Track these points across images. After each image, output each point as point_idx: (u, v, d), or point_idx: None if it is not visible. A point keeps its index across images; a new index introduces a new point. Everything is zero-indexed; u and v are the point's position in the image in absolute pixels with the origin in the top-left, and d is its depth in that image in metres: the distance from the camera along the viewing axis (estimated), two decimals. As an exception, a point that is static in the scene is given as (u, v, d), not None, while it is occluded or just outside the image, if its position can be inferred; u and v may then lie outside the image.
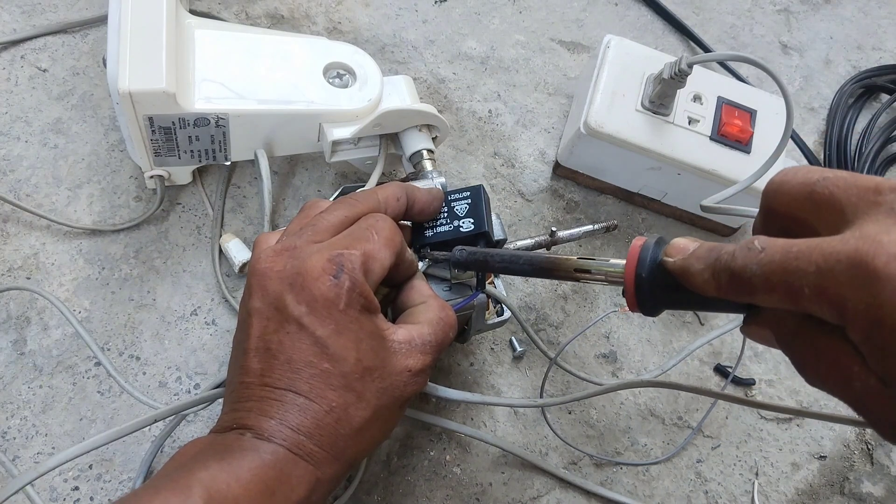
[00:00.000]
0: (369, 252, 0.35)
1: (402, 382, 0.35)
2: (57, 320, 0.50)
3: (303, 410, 0.33)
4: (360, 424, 0.34)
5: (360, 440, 0.34)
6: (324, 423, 0.33)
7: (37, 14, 0.60)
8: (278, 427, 0.32)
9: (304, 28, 0.63)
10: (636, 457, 0.51)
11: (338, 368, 0.33)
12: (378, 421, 0.34)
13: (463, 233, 0.42)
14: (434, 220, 0.42)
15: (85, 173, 0.54)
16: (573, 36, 0.67)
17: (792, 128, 0.48)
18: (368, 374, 0.34)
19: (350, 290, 0.33)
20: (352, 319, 0.34)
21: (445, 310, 0.38)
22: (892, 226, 0.21)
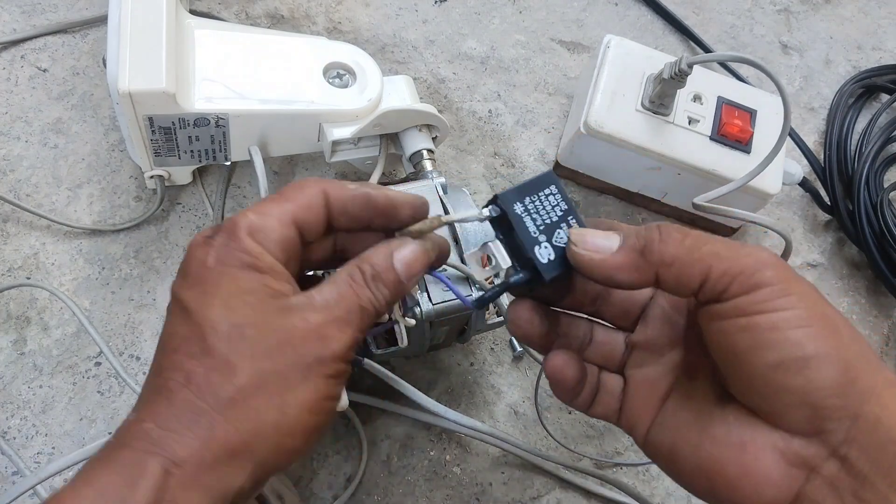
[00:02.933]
0: (262, 209, 0.30)
1: (296, 339, 0.28)
2: (57, 320, 0.50)
3: (156, 391, 0.28)
4: (231, 394, 0.27)
5: (235, 413, 0.27)
6: (178, 400, 0.27)
7: (37, 14, 0.60)
8: (123, 427, 0.28)
9: (304, 28, 0.63)
10: (636, 457, 0.51)
11: (198, 331, 0.28)
12: (263, 389, 0.27)
13: (532, 260, 0.31)
14: (538, 202, 0.31)
15: (85, 173, 0.54)
16: (573, 36, 0.67)
17: (789, 128, 0.48)
18: (240, 333, 0.28)
19: (222, 245, 0.29)
20: (222, 275, 0.28)
21: (356, 266, 0.31)
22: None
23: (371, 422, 0.50)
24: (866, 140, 0.63)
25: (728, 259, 0.27)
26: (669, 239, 0.28)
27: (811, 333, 0.25)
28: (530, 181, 0.31)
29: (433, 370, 0.52)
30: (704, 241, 0.27)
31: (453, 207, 0.44)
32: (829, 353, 0.25)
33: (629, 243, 0.29)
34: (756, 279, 0.26)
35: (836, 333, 0.26)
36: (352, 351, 0.29)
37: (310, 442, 0.28)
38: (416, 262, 0.31)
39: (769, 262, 0.26)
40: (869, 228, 0.58)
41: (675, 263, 0.28)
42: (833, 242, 0.63)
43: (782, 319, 0.26)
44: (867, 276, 0.61)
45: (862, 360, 0.26)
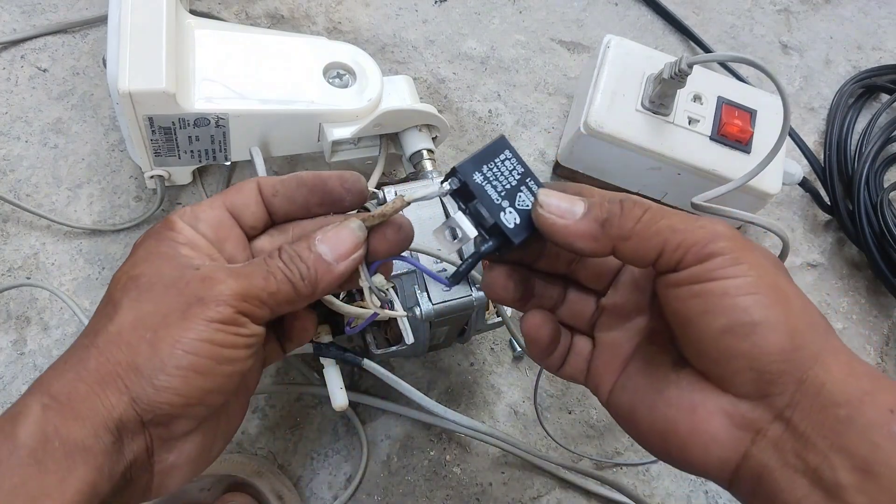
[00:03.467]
0: (197, 202, 0.33)
1: (182, 281, 0.29)
2: (57, 320, 0.50)
3: (65, 352, 0.29)
4: (108, 328, 0.28)
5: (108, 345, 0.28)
6: (71, 347, 0.29)
7: (37, 14, 0.60)
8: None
9: (304, 28, 0.63)
10: (636, 457, 0.51)
11: (107, 292, 0.30)
12: (140, 324, 0.28)
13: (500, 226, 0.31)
14: (496, 169, 0.32)
15: (85, 173, 0.54)
16: (573, 36, 0.67)
17: (789, 128, 0.48)
18: (135, 283, 0.29)
19: (152, 228, 0.32)
20: (140, 246, 0.31)
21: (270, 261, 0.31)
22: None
23: (371, 422, 0.50)
24: (866, 140, 0.63)
25: (683, 231, 0.28)
26: (629, 214, 0.29)
27: (760, 300, 0.27)
28: (484, 149, 0.32)
29: (433, 370, 0.52)
30: (661, 216, 0.29)
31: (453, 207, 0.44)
32: (777, 320, 0.26)
33: (592, 213, 0.30)
34: (709, 249, 0.27)
35: (786, 302, 0.27)
36: (247, 304, 0.29)
37: (194, 387, 0.28)
38: (343, 242, 0.31)
39: (723, 233, 0.28)
40: (869, 228, 0.58)
41: (633, 238, 0.29)
42: (833, 242, 0.63)
43: (732, 286, 0.27)
44: (867, 276, 0.61)
45: (810, 328, 0.27)
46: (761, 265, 0.27)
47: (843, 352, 0.27)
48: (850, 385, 0.25)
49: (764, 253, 0.29)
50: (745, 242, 0.28)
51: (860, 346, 0.58)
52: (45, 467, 0.26)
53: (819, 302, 0.60)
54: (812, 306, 0.28)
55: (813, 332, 0.27)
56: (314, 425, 0.49)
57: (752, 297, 0.27)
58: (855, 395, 0.25)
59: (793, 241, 0.62)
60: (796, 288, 0.28)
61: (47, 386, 0.28)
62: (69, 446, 0.26)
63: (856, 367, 0.26)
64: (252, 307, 0.30)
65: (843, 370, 0.26)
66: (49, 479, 0.26)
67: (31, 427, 0.26)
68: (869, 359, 0.58)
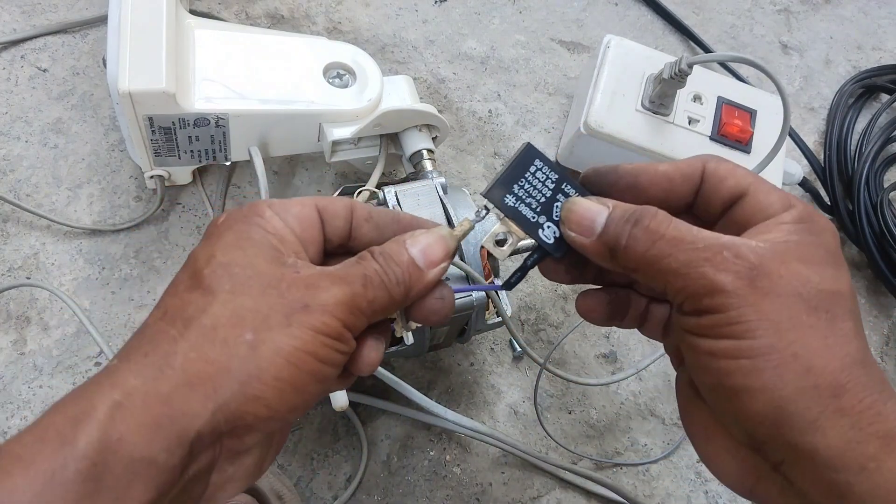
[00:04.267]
0: (285, 199, 0.30)
1: (283, 284, 0.26)
2: (57, 320, 0.50)
3: (134, 334, 0.26)
4: (202, 320, 0.25)
5: (201, 340, 0.25)
6: (149, 332, 0.26)
7: (37, 14, 0.60)
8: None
9: (304, 28, 0.63)
10: (636, 457, 0.51)
11: (189, 270, 0.27)
12: (238, 322, 0.25)
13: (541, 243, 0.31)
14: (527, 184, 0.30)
15: (85, 173, 0.54)
16: (573, 36, 0.67)
17: (789, 128, 0.48)
18: (227, 270, 0.26)
19: (237, 209, 0.29)
20: (229, 228, 0.28)
21: (368, 251, 0.30)
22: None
23: (371, 422, 0.50)
24: (866, 140, 0.63)
25: (684, 277, 0.26)
26: (635, 245, 0.27)
27: (744, 366, 0.25)
28: (511, 164, 0.30)
29: (433, 370, 0.52)
30: (669, 251, 0.27)
31: (453, 207, 0.43)
32: (761, 387, 0.25)
33: (607, 237, 0.28)
34: (704, 304, 0.26)
35: (782, 366, 0.25)
36: (351, 315, 0.27)
37: (285, 401, 0.25)
38: (433, 249, 0.30)
39: (722, 287, 0.26)
40: (869, 228, 0.58)
41: (639, 271, 0.28)
42: (833, 242, 0.62)
43: (721, 349, 0.26)
44: (867, 276, 0.61)
45: (806, 393, 0.25)
46: (769, 318, 0.25)
47: (853, 412, 0.25)
48: (852, 452, 0.24)
49: (790, 290, 0.26)
50: (754, 293, 0.26)
51: (860, 346, 0.58)
52: (101, 485, 0.22)
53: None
54: (823, 364, 0.25)
55: (812, 396, 0.25)
56: (314, 425, 0.49)
57: (736, 363, 0.26)
58: (857, 462, 0.24)
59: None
60: (809, 345, 0.25)
61: (121, 379, 0.24)
62: (134, 460, 0.23)
63: (865, 429, 0.24)
64: (355, 319, 0.27)
65: (844, 437, 0.24)
66: (103, 499, 0.22)
67: (93, 434, 0.22)
68: (869, 359, 0.58)
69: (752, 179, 0.29)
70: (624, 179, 0.30)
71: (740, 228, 0.28)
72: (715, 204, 0.30)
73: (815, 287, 0.26)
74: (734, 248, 0.26)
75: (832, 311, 0.26)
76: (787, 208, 0.28)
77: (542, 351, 0.53)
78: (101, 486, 0.22)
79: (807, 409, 0.25)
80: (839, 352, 0.26)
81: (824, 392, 0.25)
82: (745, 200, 0.29)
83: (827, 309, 0.26)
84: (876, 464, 0.24)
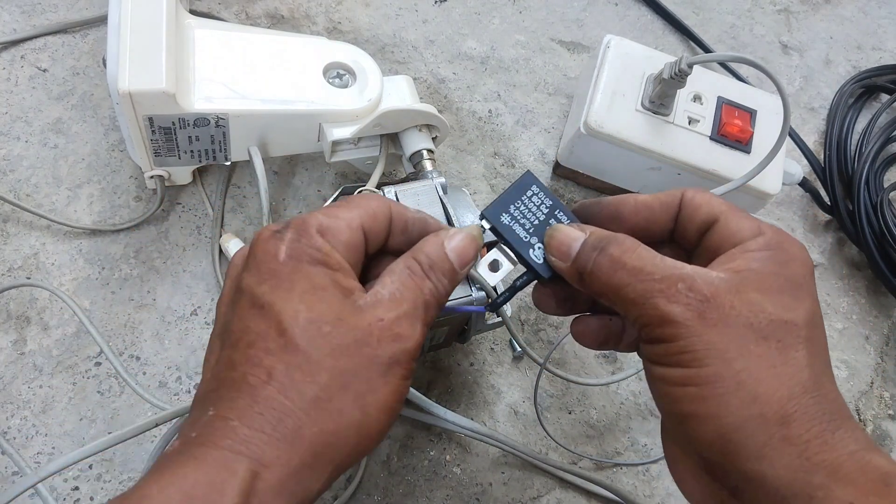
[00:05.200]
0: (330, 212, 0.30)
1: (373, 338, 0.28)
2: (57, 320, 0.50)
3: (235, 388, 0.27)
4: (316, 393, 0.26)
5: (320, 413, 0.26)
6: (262, 398, 0.26)
7: (37, 14, 0.60)
8: (203, 422, 0.26)
9: (304, 28, 0.63)
10: (636, 457, 0.51)
11: (276, 326, 0.27)
12: (346, 388, 0.27)
13: (530, 263, 0.33)
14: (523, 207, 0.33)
15: (85, 173, 0.54)
16: (573, 36, 0.67)
17: (789, 128, 0.48)
18: (318, 330, 0.27)
19: (293, 241, 0.28)
20: (295, 270, 0.28)
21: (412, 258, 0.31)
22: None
23: (371, 422, 0.50)
24: (866, 140, 0.63)
25: (640, 307, 0.28)
26: (599, 272, 0.29)
27: (691, 394, 0.26)
28: (511, 188, 0.33)
29: (433, 370, 0.52)
30: (628, 280, 0.28)
31: (453, 207, 0.44)
32: (711, 415, 0.26)
33: (577, 262, 0.30)
34: (657, 333, 0.27)
35: (727, 394, 0.26)
36: (419, 349, 0.29)
37: (378, 443, 0.28)
38: (467, 250, 0.31)
39: (672, 318, 0.27)
40: (869, 228, 0.58)
41: (604, 296, 0.29)
42: (833, 242, 0.63)
43: (671, 376, 0.27)
44: (867, 276, 0.61)
45: (756, 419, 0.25)
46: (716, 347, 0.26)
47: (800, 441, 0.25)
48: (799, 481, 0.24)
49: (741, 320, 0.26)
50: (711, 312, 0.26)
51: (860, 346, 0.58)
52: None
53: (819, 302, 0.60)
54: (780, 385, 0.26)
55: (758, 425, 0.25)
56: (314, 425, 0.49)
57: (683, 390, 0.26)
58: (804, 491, 0.24)
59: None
60: (759, 375, 0.26)
61: (259, 451, 0.25)
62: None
63: (812, 458, 0.25)
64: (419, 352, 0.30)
65: (791, 465, 0.25)
66: None
67: (235, 500, 0.24)
68: (869, 359, 0.58)
69: (724, 208, 0.30)
70: (606, 209, 0.32)
71: (712, 256, 0.29)
72: (691, 231, 0.31)
73: (767, 317, 0.27)
74: (689, 281, 0.27)
75: (784, 340, 0.26)
76: (755, 235, 0.29)
77: (542, 351, 0.53)
78: None
79: (752, 438, 0.25)
80: (787, 381, 0.26)
81: (770, 420, 0.25)
82: (716, 228, 0.30)
83: (779, 338, 0.26)
84: (823, 492, 0.24)
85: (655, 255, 0.28)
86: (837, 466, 0.24)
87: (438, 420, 0.47)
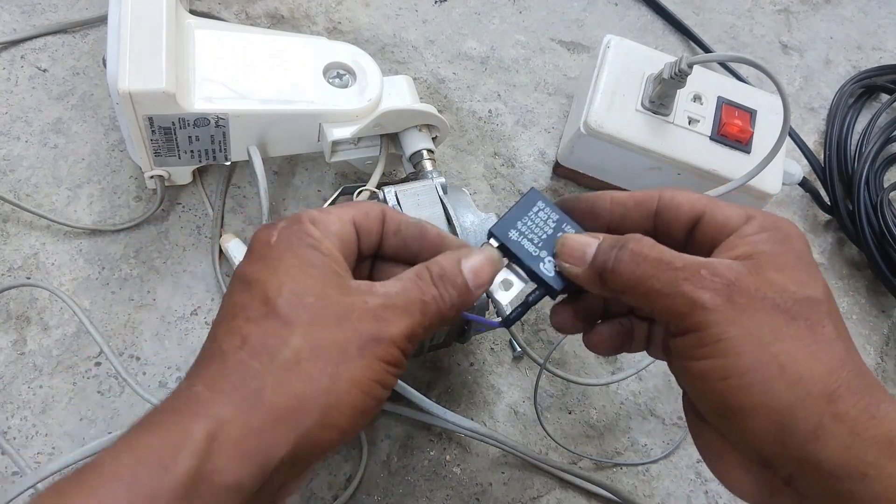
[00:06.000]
0: (323, 209, 0.31)
1: (355, 314, 0.28)
2: (57, 320, 0.50)
3: (210, 356, 0.27)
4: (286, 356, 0.26)
5: (287, 375, 0.26)
6: (232, 362, 0.26)
7: (37, 14, 0.60)
8: (177, 389, 0.27)
9: (304, 28, 0.63)
10: (636, 457, 0.51)
11: (259, 296, 0.27)
12: (318, 354, 0.27)
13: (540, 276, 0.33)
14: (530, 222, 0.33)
15: (85, 173, 0.54)
16: (573, 36, 0.67)
17: (789, 128, 0.48)
18: (300, 299, 0.27)
19: (285, 228, 0.29)
20: (285, 250, 0.29)
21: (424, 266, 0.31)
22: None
23: (371, 422, 0.50)
24: (866, 140, 0.63)
25: (666, 297, 0.27)
26: (620, 269, 0.29)
27: (739, 385, 0.26)
28: (517, 205, 0.33)
29: (433, 370, 0.52)
30: (651, 272, 0.28)
31: (453, 207, 0.44)
32: (760, 404, 0.25)
33: (595, 263, 0.30)
34: (687, 323, 0.27)
35: (772, 380, 0.25)
36: (409, 343, 0.29)
37: (355, 425, 0.27)
38: (484, 270, 0.31)
39: (702, 303, 0.26)
40: (869, 228, 0.58)
41: (626, 294, 0.29)
42: (833, 242, 0.63)
43: (709, 370, 0.26)
44: (867, 276, 0.61)
45: (804, 402, 0.25)
46: (746, 336, 0.26)
47: (849, 417, 0.25)
48: (853, 459, 0.24)
49: (762, 307, 0.26)
50: (733, 308, 0.26)
51: (860, 346, 0.58)
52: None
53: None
54: (813, 370, 0.25)
55: (808, 405, 0.25)
56: (314, 425, 0.49)
57: (728, 383, 0.26)
58: (858, 469, 0.24)
59: (793, 241, 0.61)
60: (793, 354, 0.26)
61: (215, 411, 0.25)
62: (223, 489, 0.24)
63: (864, 434, 0.24)
64: (412, 345, 0.29)
65: (843, 443, 0.24)
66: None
67: (190, 463, 0.24)
68: (869, 359, 0.58)
69: (706, 202, 0.30)
70: (583, 206, 0.33)
71: (707, 249, 0.29)
72: (677, 230, 0.31)
73: (791, 296, 0.26)
74: (711, 267, 0.27)
75: (811, 318, 0.26)
76: (746, 220, 0.29)
77: (542, 351, 0.53)
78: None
79: (804, 420, 0.25)
80: (825, 357, 0.26)
81: (819, 400, 0.25)
82: (704, 221, 0.30)
83: (806, 316, 0.26)
84: (876, 471, 0.24)
85: (672, 250, 0.28)
86: (889, 442, 0.24)
87: (438, 420, 0.47)
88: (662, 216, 0.31)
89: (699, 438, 0.30)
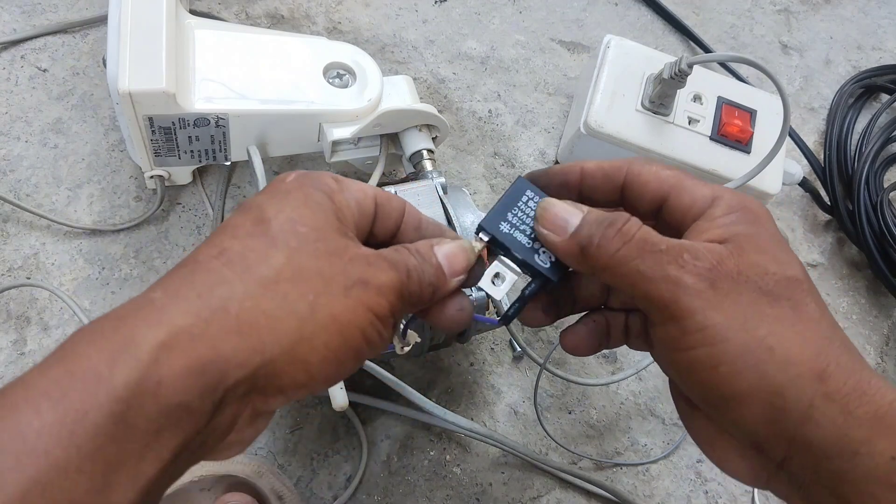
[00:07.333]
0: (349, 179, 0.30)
1: (347, 254, 0.26)
2: (57, 320, 0.50)
3: (181, 265, 0.25)
4: (264, 272, 0.24)
5: (260, 290, 0.24)
6: (202, 270, 0.24)
7: (37, 14, 0.60)
8: (134, 297, 0.24)
9: (304, 28, 0.63)
10: (636, 457, 0.51)
11: (253, 217, 0.26)
12: (299, 278, 0.25)
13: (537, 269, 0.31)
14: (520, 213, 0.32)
15: (85, 173, 0.54)
16: (573, 36, 0.67)
17: (789, 128, 0.48)
18: (293, 226, 0.26)
19: (305, 173, 0.28)
20: (297, 188, 0.27)
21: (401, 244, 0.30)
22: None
23: (371, 422, 0.50)
24: (866, 140, 0.63)
25: (650, 281, 0.26)
26: (605, 245, 0.27)
27: (730, 372, 0.25)
28: (505, 196, 0.31)
29: (433, 370, 0.52)
30: (637, 253, 0.27)
31: (453, 207, 0.44)
32: (752, 389, 0.25)
33: (579, 235, 0.28)
34: (671, 311, 0.26)
35: (762, 363, 0.25)
36: (396, 301, 0.27)
37: (324, 372, 0.25)
38: (457, 258, 0.30)
39: (686, 287, 0.26)
40: (869, 228, 0.58)
41: (607, 271, 0.28)
42: (833, 242, 0.63)
43: (698, 359, 0.26)
44: (867, 276, 0.61)
45: (796, 382, 0.25)
46: (730, 322, 0.25)
47: (839, 395, 0.24)
48: (844, 437, 0.24)
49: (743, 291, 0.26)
50: (715, 293, 0.26)
51: (860, 346, 0.58)
52: (131, 429, 0.21)
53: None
54: (801, 351, 0.25)
55: (799, 386, 0.25)
56: (314, 425, 0.49)
57: (718, 371, 0.25)
58: (849, 446, 0.24)
59: (793, 241, 0.61)
60: (779, 335, 0.25)
61: (169, 318, 0.22)
62: (169, 405, 0.21)
63: (855, 411, 0.24)
64: (400, 306, 0.27)
65: (835, 422, 0.24)
66: (131, 446, 0.21)
67: (132, 375, 0.21)
68: (869, 359, 0.58)
69: (674, 181, 0.29)
70: (556, 178, 0.31)
71: (675, 232, 0.28)
72: (642, 208, 0.30)
73: (773, 277, 0.26)
74: (693, 251, 0.26)
75: (793, 298, 0.26)
76: (713, 201, 0.28)
77: (542, 351, 0.53)
78: (132, 429, 0.21)
79: (796, 402, 0.25)
80: (811, 336, 0.25)
81: (809, 379, 0.25)
82: (670, 202, 0.29)
83: (788, 296, 0.26)
84: (867, 448, 0.24)
85: (657, 233, 0.28)
86: (879, 418, 0.24)
87: (438, 420, 0.47)
88: (628, 193, 0.30)
89: (690, 425, 0.30)
